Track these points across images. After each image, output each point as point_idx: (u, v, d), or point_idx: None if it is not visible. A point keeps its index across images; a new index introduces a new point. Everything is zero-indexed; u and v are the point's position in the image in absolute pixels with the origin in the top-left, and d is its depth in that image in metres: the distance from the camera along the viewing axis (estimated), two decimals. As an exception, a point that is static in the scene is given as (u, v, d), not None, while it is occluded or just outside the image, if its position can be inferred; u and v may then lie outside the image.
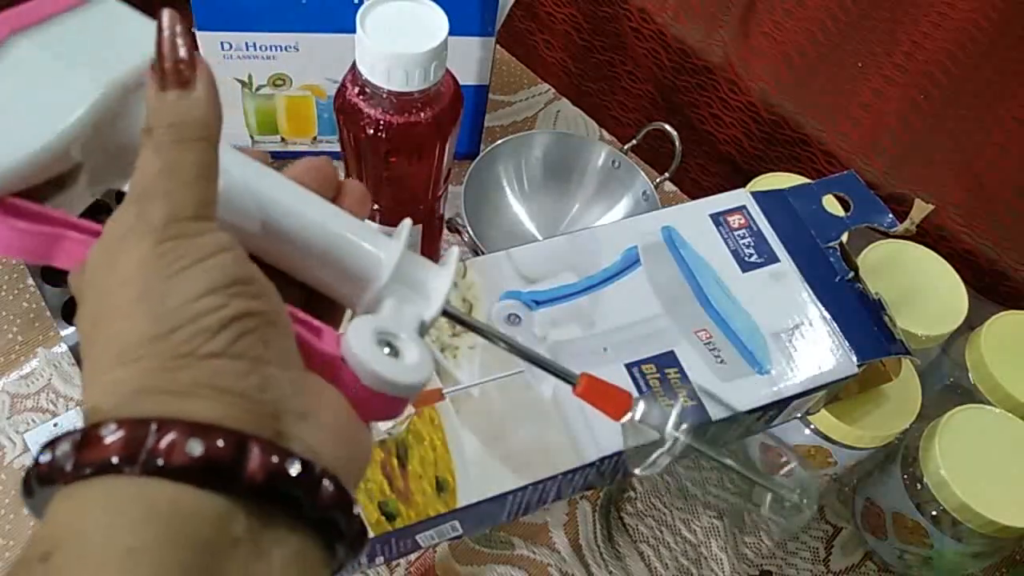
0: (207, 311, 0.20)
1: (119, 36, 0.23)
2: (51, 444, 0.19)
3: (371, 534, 0.37)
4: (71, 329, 0.56)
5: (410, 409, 0.40)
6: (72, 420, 0.55)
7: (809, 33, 0.64)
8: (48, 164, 0.21)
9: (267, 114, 0.65)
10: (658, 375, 0.42)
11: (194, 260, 0.20)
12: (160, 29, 0.22)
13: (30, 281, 0.60)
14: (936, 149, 0.62)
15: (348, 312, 0.28)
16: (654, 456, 0.30)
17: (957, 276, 0.56)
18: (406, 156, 0.51)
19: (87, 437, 0.18)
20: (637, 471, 0.31)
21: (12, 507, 0.52)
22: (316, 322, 0.24)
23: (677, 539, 0.55)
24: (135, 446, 0.18)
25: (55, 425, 0.55)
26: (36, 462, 0.19)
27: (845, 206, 0.48)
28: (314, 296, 0.27)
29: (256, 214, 0.24)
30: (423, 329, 0.26)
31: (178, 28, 0.22)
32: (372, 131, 0.50)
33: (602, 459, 0.40)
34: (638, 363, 0.42)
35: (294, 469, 0.19)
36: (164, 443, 0.18)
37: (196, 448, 0.18)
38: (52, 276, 0.58)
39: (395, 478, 0.39)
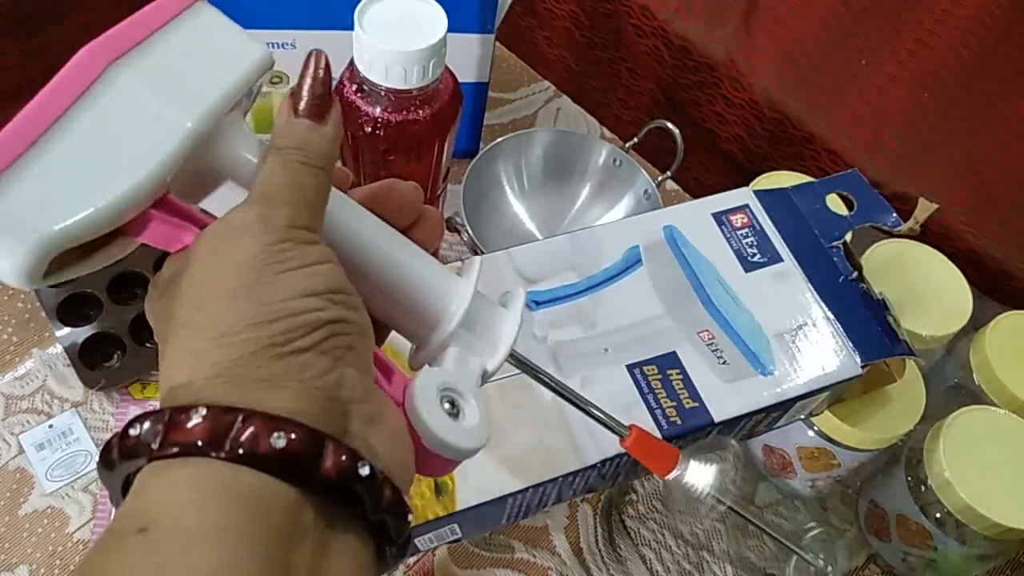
0: (307, 309, 0.21)
1: (213, 52, 0.24)
2: (137, 419, 0.20)
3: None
4: (66, 330, 0.55)
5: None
6: (67, 421, 0.55)
7: (812, 30, 0.64)
8: (133, 205, 0.22)
9: (264, 112, 0.64)
10: (660, 376, 0.41)
11: (303, 264, 0.22)
12: (308, 63, 0.24)
13: (25, 281, 0.59)
14: (940, 147, 0.62)
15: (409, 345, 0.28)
16: (695, 511, 0.31)
17: (961, 276, 0.55)
18: (404, 154, 0.51)
19: (175, 417, 0.19)
20: (679, 514, 0.31)
21: (7, 508, 0.51)
22: (390, 362, 0.25)
23: (679, 542, 0.54)
24: (221, 433, 0.19)
25: (50, 427, 0.54)
26: (124, 434, 0.20)
27: (849, 205, 0.48)
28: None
29: (336, 244, 0.25)
30: (485, 378, 0.26)
31: (324, 65, 0.24)
32: (370, 129, 0.49)
33: (603, 461, 0.39)
34: (639, 364, 0.42)
35: (364, 470, 0.20)
36: (248, 433, 0.19)
37: (279, 441, 0.19)
38: (47, 276, 0.57)
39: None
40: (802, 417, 0.49)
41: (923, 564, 0.52)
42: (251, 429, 0.19)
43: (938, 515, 0.49)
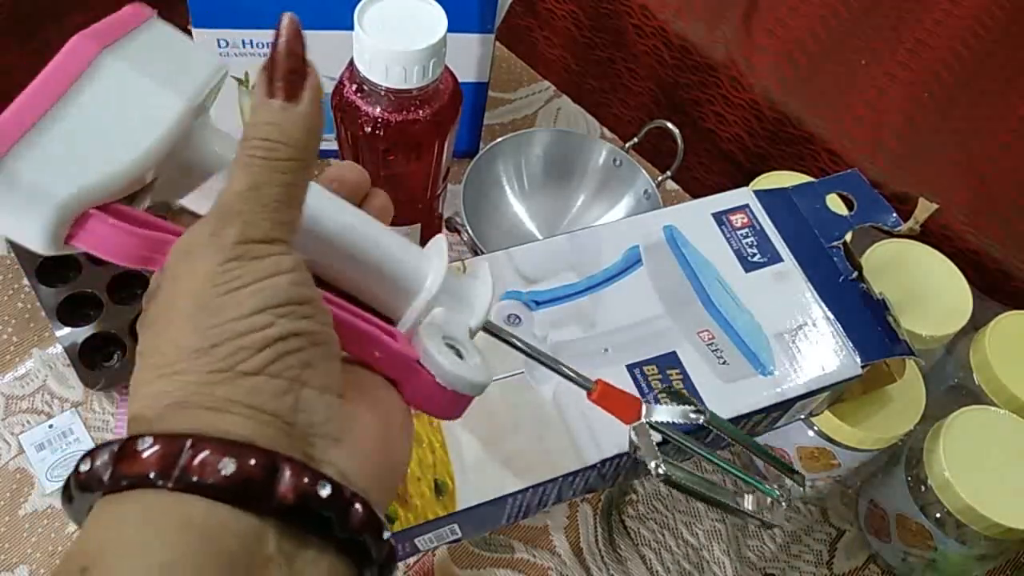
0: (251, 330, 0.20)
1: (179, 55, 0.25)
2: (91, 453, 0.19)
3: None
4: (66, 330, 0.55)
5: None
6: (67, 421, 0.55)
7: (812, 30, 0.64)
8: (140, 176, 0.22)
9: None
10: (660, 376, 0.41)
11: (249, 281, 0.20)
12: (279, 33, 0.22)
13: (25, 281, 0.59)
14: (940, 147, 0.62)
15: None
16: (658, 459, 0.32)
17: (962, 276, 0.55)
18: (404, 154, 0.51)
19: (125, 449, 0.19)
20: (653, 467, 0.32)
21: (7, 509, 0.51)
22: (388, 326, 0.25)
23: (679, 542, 0.54)
24: (170, 462, 0.18)
25: (50, 427, 0.54)
26: (76, 470, 0.19)
27: (849, 205, 0.48)
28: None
29: (317, 231, 0.25)
30: (471, 335, 0.27)
31: (294, 34, 0.22)
32: (370, 129, 0.49)
33: (603, 461, 0.39)
34: (639, 364, 0.42)
35: (324, 491, 0.19)
36: (197, 460, 0.18)
37: (229, 466, 0.18)
38: (47, 277, 0.57)
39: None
40: (802, 417, 0.49)
41: (923, 564, 0.52)
42: (200, 456, 0.18)
43: (938, 515, 0.49)
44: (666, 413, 0.32)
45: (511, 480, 0.38)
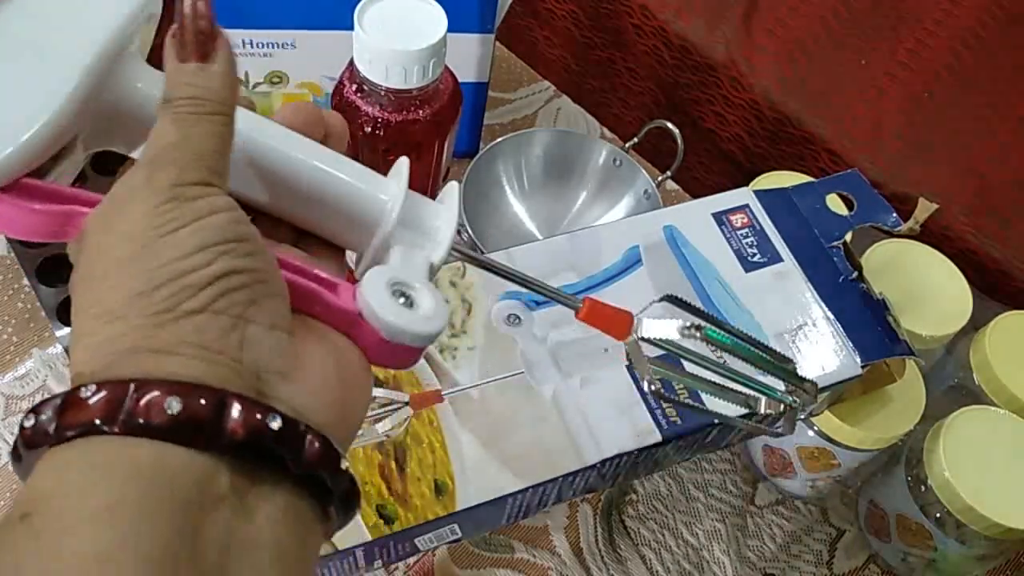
0: (192, 269, 0.20)
1: None
2: (35, 409, 0.19)
3: (369, 537, 0.37)
4: (66, 330, 0.55)
5: (408, 411, 0.40)
6: (67, 421, 0.55)
7: (812, 30, 0.64)
8: (52, 143, 0.21)
9: (264, 112, 0.64)
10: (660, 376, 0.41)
11: (188, 220, 0.20)
12: (181, 1, 0.22)
13: (25, 281, 0.59)
14: (941, 147, 0.62)
15: (352, 255, 0.28)
16: (660, 368, 0.30)
17: (962, 276, 0.55)
18: (404, 154, 0.51)
19: (68, 400, 0.18)
20: (645, 384, 0.31)
21: (7, 509, 0.51)
22: (330, 277, 0.24)
23: (679, 542, 0.54)
24: (114, 406, 0.18)
25: (50, 426, 0.54)
26: (21, 427, 0.19)
27: (849, 205, 0.48)
28: (303, 236, 0.27)
29: (255, 165, 0.24)
30: (432, 272, 0.26)
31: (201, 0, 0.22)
32: (370, 129, 0.49)
33: (603, 461, 0.39)
34: (639, 364, 0.42)
35: (275, 424, 0.19)
36: (143, 402, 0.18)
37: (175, 405, 0.18)
38: (47, 276, 0.57)
39: (393, 481, 0.38)
40: (802, 417, 0.49)
41: (923, 564, 0.52)
42: (146, 398, 0.18)
43: (938, 515, 0.49)
44: (658, 329, 0.30)
45: (511, 480, 0.38)
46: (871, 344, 0.44)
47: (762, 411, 0.33)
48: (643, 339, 0.30)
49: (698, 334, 0.30)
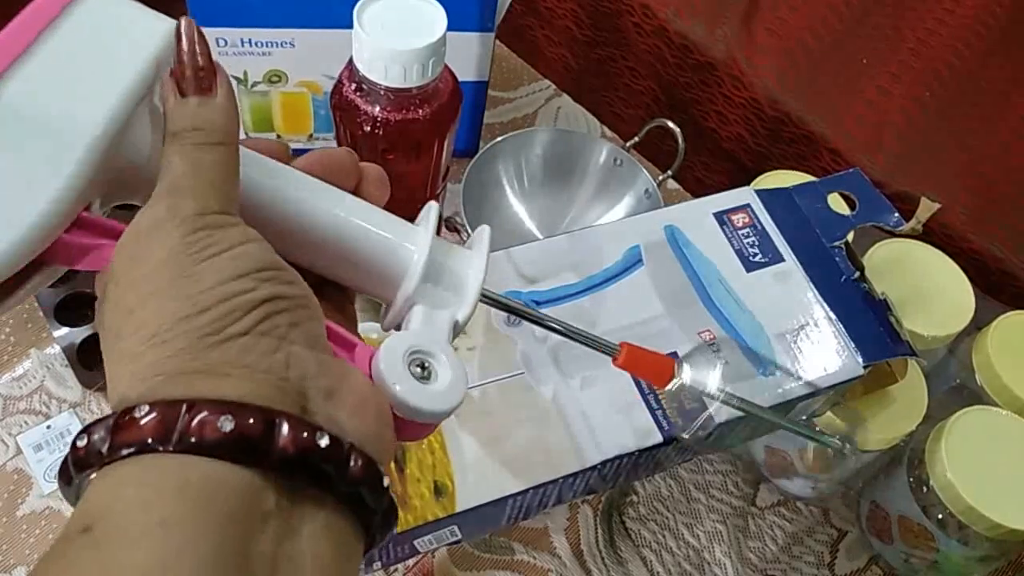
0: (236, 293, 0.20)
1: (114, 38, 0.22)
2: (86, 430, 0.19)
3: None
4: (64, 330, 0.55)
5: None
6: (65, 422, 0.54)
7: (813, 29, 0.63)
8: (60, 222, 0.21)
9: (263, 111, 0.64)
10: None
11: (223, 248, 0.21)
12: (179, 38, 0.23)
13: (23, 280, 0.59)
14: (942, 147, 0.62)
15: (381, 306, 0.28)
16: (701, 419, 0.30)
17: (964, 276, 0.55)
18: (404, 153, 0.51)
19: (120, 420, 0.19)
20: (685, 436, 0.30)
21: (5, 509, 0.51)
22: (349, 335, 0.24)
23: (680, 544, 0.54)
24: (168, 426, 0.18)
25: (48, 427, 0.54)
26: (73, 446, 0.19)
27: (850, 205, 0.48)
28: (322, 281, 0.27)
29: (270, 213, 0.24)
30: (457, 331, 0.25)
31: (196, 36, 0.23)
32: (369, 128, 0.49)
33: (603, 463, 0.39)
34: (640, 365, 0.41)
35: (323, 442, 0.20)
36: (196, 421, 0.18)
37: (227, 424, 0.19)
38: (45, 276, 0.57)
39: (392, 482, 0.38)
40: (804, 418, 0.48)
41: (925, 565, 0.52)
42: (198, 417, 0.18)
43: (940, 516, 0.48)
44: (699, 379, 0.30)
45: (511, 481, 0.38)
46: (873, 344, 0.43)
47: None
48: (688, 386, 0.29)
49: (729, 397, 0.29)
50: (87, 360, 0.55)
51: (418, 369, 0.23)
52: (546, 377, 0.41)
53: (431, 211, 0.27)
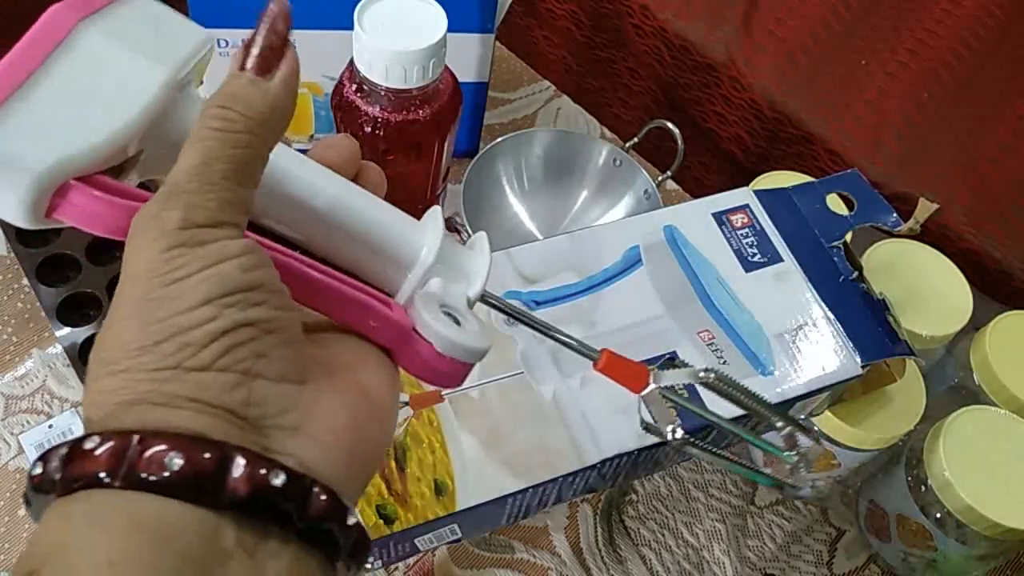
0: (196, 324, 0.19)
1: (163, 27, 0.24)
2: (44, 457, 0.19)
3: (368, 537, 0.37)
4: (66, 330, 0.55)
5: (408, 411, 0.40)
6: (67, 421, 0.55)
7: (812, 30, 0.64)
8: (121, 147, 0.22)
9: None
10: (660, 376, 0.41)
11: (195, 270, 0.19)
12: (266, 14, 0.22)
13: (24, 281, 0.59)
14: (941, 147, 0.62)
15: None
16: (670, 428, 0.30)
17: (962, 276, 0.55)
18: (404, 154, 0.51)
19: (73, 451, 0.18)
20: (669, 433, 0.31)
21: (7, 509, 0.51)
22: (382, 295, 0.25)
23: (679, 542, 0.54)
24: (118, 460, 0.18)
25: (50, 427, 0.54)
26: (30, 475, 0.19)
27: (849, 205, 0.48)
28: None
29: (286, 198, 0.24)
30: (470, 305, 0.27)
31: (283, 15, 0.22)
32: (370, 129, 0.49)
33: (603, 462, 0.39)
34: (639, 364, 0.42)
35: (278, 480, 0.19)
36: (146, 456, 0.18)
37: (176, 461, 0.18)
38: (47, 276, 0.57)
39: (393, 481, 0.38)
40: (802, 417, 0.49)
41: (923, 564, 0.52)
42: (149, 452, 0.18)
43: (938, 515, 0.48)
44: (674, 377, 0.30)
45: (511, 480, 0.38)
46: (871, 344, 0.44)
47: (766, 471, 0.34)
48: (662, 389, 0.30)
49: (712, 376, 0.30)
50: (89, 360, 0.55)
51: (448, 318, 0.25)
52: (546, 377, 0.41)
53: (436, 211, 0.27)
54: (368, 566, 0.41)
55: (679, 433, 0.30)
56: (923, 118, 0.61)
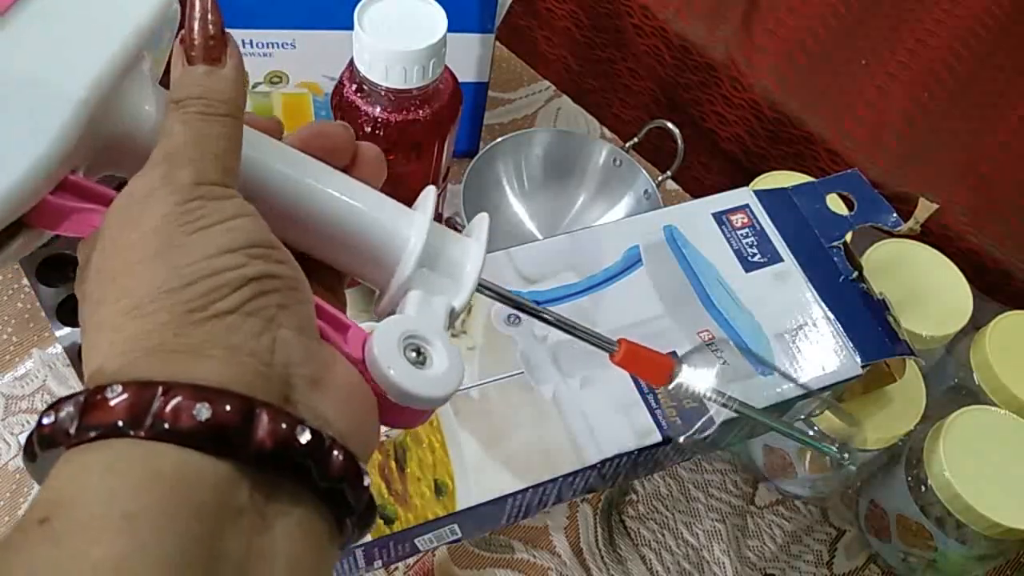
0: (225, 268, 0.19)
1: (103, 4, 0.22)
2: (54, 406, 0.18)
3: (368, 537, 0.37)
4: (66, 330, 0.55)
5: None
6: (67, 421, 0.54)
7: (812, 30, 0.64)
8: (44, 184, 0.20)
9: (263, 112, 0.64)
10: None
11: (217, 220, 0.20)
12: (192, 5, 0.22)
13: (24, 281, 0.59)
14: (941, 147, 0.62)
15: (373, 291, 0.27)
16: (701, 421, 0.29)
17: (962, 276, 0.55)
18: (404, 154, 0.51)
19: (91, 399, 0.18)
20: (680, 440, 0.30)
21: (7, 509, 0.51)
22: (343, 317, 0.23)
23: (679, 542, 0.54)
24: (140, 409, 0.17)
25: (50, 426, 0.54)
26: (39, 424, 0.18)
27: (849, 205, 0.48)
28: (311, 261, 0.26)
29: (263, 190, 0.23)
30: (453, 318, 0.25)
31: (209, 4, 0.23)
32: (370, 129, 0.49)
33: (603, 462, 0.39)
34: (639, 364, 0.42)
35: (304, 437, 0.19)
36: (170, 407, 0.17)
37: (204, 412, 0.17)
38: (47, 276, 0.57)
39: (393, 481, 0.38)
40: (802, 417, 0.49)
41: (923, 564, 0.52)
42: (173, 402, 0.17)
43: (938, 515, 0.48)
44: (700, 376, 0.29)
45: (511, 480, 0.38)
46: (871, 344, 0.44)
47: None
48: (685, 388, 0.28)
49: (735, 405, 0.29)
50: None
51: (413, 354, 0.22)
52: (546, 377, 0.41)
53: (429, 196, 0.26)
54: (372, 564, 0.41)
55: (713, 395, 0.28)
56: (923, 118, 0.61)
